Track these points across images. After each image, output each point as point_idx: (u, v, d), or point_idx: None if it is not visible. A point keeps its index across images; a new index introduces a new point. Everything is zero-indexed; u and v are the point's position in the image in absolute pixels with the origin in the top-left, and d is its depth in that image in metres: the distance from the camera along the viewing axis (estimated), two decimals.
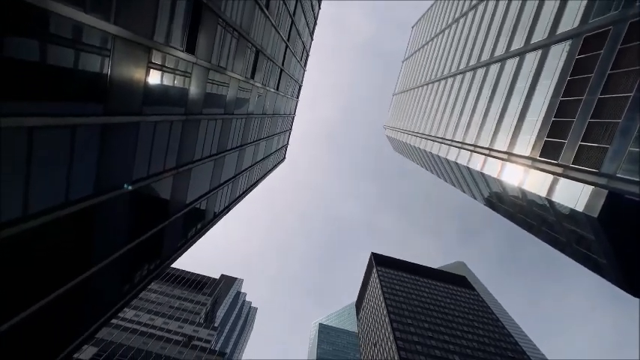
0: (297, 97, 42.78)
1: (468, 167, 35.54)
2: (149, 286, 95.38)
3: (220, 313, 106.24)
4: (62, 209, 7.06)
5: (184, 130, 12.27)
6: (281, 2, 22.61)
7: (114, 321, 75.87)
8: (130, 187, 9.37)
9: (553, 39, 24.84)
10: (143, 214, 10.83)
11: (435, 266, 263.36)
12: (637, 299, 20.01)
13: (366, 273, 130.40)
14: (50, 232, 6.94)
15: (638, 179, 15.64)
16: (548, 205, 22.41)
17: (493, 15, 38.01)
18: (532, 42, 27.81)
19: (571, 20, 23.31)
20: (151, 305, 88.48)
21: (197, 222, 16.37)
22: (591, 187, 18.13)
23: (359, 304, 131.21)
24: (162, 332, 79.43)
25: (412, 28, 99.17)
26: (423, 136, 55.43)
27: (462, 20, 50.34)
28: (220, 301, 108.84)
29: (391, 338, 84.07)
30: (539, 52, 26.33)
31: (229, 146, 18.33)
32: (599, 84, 19.25)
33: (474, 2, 46.44)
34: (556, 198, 20.79)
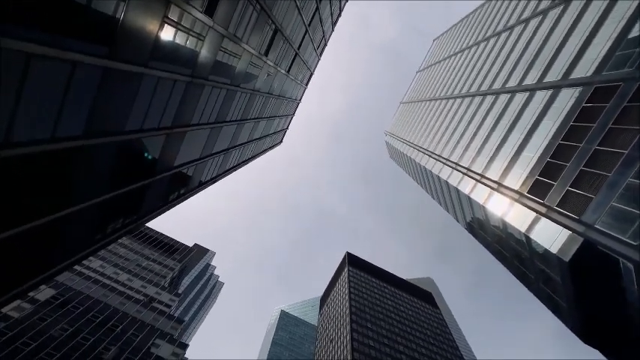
0: (307, 85, 42.47)
1: (457, 189, 35.95)
2: (120, 240, 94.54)
3: (186, 281, 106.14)
4: (47, 144, 6.92)
5: (187, 92, 12.09)
6: None
7: (77, 267, 75.20)
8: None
9: (565, 82, 25.12)
10: (128, 167, 10.69)
11: (404, 277, 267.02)
12: (587, 346, 20.75)
13: (337, 270, 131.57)
14: (31, 165, 6.81)
15: (614, 234, 16.06)
16: (525, 240, 22.88)
17: (514, 46, 38.19)
18: (545, 80, 28.08)
19: (586, 68, 23.58)
20: (119, 260, 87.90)
21: (181, 186, 16.24)
22: (569, 232, 18.56)
23: (324, 299, 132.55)
24: (124, 288, 79.10)
25: (433, 41, 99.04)
26: (421, 149, 55.75)
27: (482, 44, 50.47)
28: (188, 270, 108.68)
29: (348, 338, 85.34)
30: (550, 92, 26.62)
31: (228, 118, 18.15)
32: (599, 135, 19.60)
33: (498, 29, 46.56)
34: (534, 235, 21.23)
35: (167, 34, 9.36)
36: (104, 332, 62.01)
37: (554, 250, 19.07)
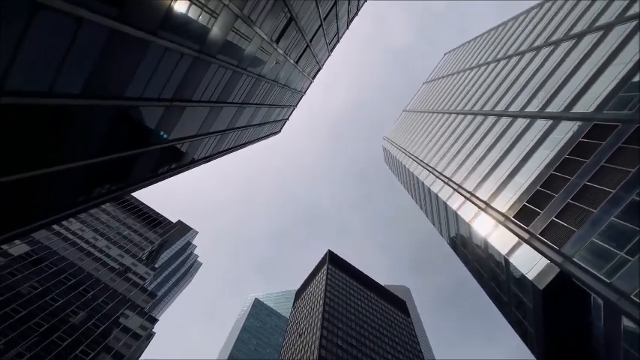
0: (313, 78, 42.29)
1: (446, 203, 36.28)
2: (104, 206, 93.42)
3: (165, 256, 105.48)
4: (43, 97, 6.78)
5: (192, 67, 11.94)
6: None
7: (56, 227, 74.15)
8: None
9: (566, 115, 25.46)
10: (122, 134, 10.54)
11: (382, 282, 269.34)
12: None
13: (317, 266, 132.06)
14: (23, 117, 6.67)
15: (590, 269, 16.41)
16: (504, 263, 23.23)
17: (522, 72, 38.52)
18: (547, 110, 28.42)
19: (588, 104, 23.92)
20: (100, 225, 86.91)
21: (173, 161, 16.08)
22: (547, 261, 18.90)
23: (299, 292, 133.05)
24: (100, 254, 78.29)
25: (445, 54, 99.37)
26: (416, 159, 56.07)
27: (492, 65, 50.79)
28: (168, 245, 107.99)
29: (317, 334, 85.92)
30: (550, 122, 26.95)
31: (230, 99, 17.99)
32: (590, 171, 19.94)
33: (509, 53, 46.89)
34: (513, 260, 21.57)
35: (181, 5, 9.21)
36: (74, 296, 61.40)
37: (530, 276, 19.41)
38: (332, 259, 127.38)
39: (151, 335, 69.47)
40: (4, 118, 6.29)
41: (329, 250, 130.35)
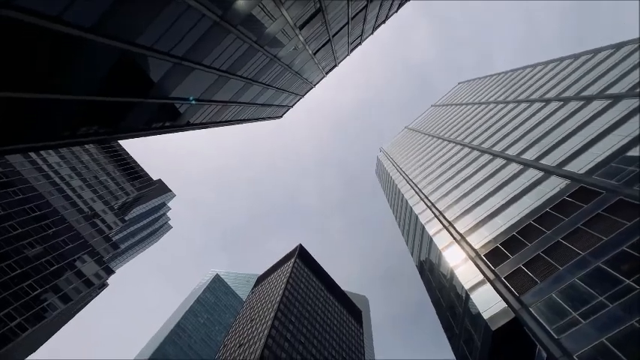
0: (327, 73, 42.11)
1: (424, 227, 36.74)
2: (87, 147, 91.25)
3: (137, 211, 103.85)
4: (52, 22, 6.55)
5: (210, 31, 11.72)
6: None
7: (33, 156, 72.10)
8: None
9: (558, 171, 26.05)
10: (123, 79, 10.28)
11: (343, 286, 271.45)
12: None
13: (285, 257, 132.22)
14: (25, 36, 6.42)
15: (542, 322, 16.90)
16: (464, 297, 23.69)
17: (527, 119, 39.21)
18: (541, 161, 29.02)
19: (581, 165, 24.52)
20: (79, 165, 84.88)
21: (168, 119, 15.79)
22: (505, 305, 19.36)
23: (261, 279, 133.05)
24: (72, 194, 76.55)
25: (458, 83, 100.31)
26: (407, 177, 56.56)
27: (500, 105, 51.54)
28: (143, 201, 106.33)
29: (268, 323, 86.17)
30: (541, 174, 27.54)
31: (240, 73, 17.75)
32: (566, 229, 20.49)
33: (519, 98, 47.64)
34: (473, 296, 22.02)
35: None
36: (35, 228, 59.89)
37: (485, 315, 19.84)
38: (301, 254, 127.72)
39: (103, 285, 68.46)
40: (7, 31, 6.04)
41: (300, 244, 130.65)
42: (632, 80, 28.91)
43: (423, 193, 44.53)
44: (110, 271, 67.77)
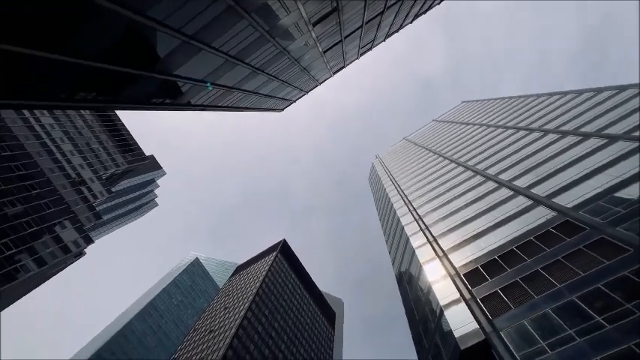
0: (334, 74, 42.07)
1: (408, 238, 36.95)
2: (84, 112, 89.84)
3: (125, 184, 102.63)
4: None
5: (223, 14, 11.60)
6: None
7: (27, 114, 70.75)
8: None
9: (546, 201, 26.41)
10: (129, 50, 10.12)
11: (321, 287, 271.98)
12: None
13: (267, 250, 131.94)
14: None
15: (511, 347, 17.13)
16: (438, 313, 23.89)
17: (524, 147, 39.68)
18: (532, 190, 29.40)
19: (570, 199, 24.90)
20: (72, 129, 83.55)
21: (168, 96, 15.61)
22: (477, 326, 19.57)
23: (240, 269, 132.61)
24: (61, 157, 75.32)
25: (462, 102, 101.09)
26: (398, 187, 56.82)
27: (500, 130, 52.07)
28: (132, 175, 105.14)
29: (241, 314, 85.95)
30: (530, 202, 27.90)
31: (247, 60, 17.63)
32: (547, 260, 20.79)
33: (519, 125, 48.19)
34: (447, 313, 22.22)
35: None
36: (18, 187, 58.80)
37: (456, 334, 20.04)
38: (284, 250, 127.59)
39: (81, 254, 67.53)
40: None
41: (284, 239, 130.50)
42: (630, 123, 29.44)
43: (412, 206, 44.78)
44: (89, 241, 66.88)
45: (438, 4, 44.15)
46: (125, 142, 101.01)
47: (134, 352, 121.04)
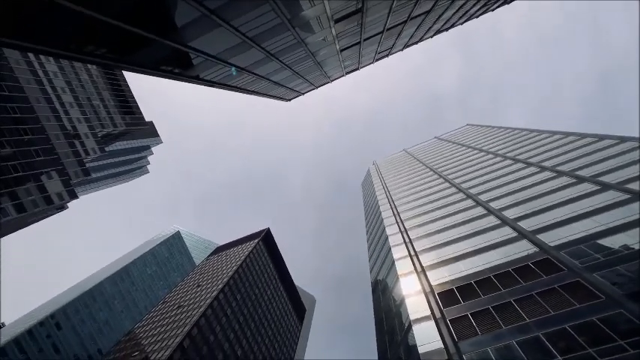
0: (347, 74, 41.99)
1: (390, 249, 37.17)
2: (90, 66, 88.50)
3: (119, 145, 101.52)
4: None
5: None
6: (415, 2, 22.01)
7: (32, 57, 69.47)
8: None
9: (531, 236, 26.76)
10: (147, 13, 10.00)
11: (296, 282, 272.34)
12: None
13: (249, 236, 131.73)
14: None
15: None
16: (406, 327, 24.11)
17: (519, 179, 40.08)
18: (518, 223, 29.74)
19: (554, 237, 25.25)
20: (75, 82, 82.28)
21: (179, 66, 15.45)
22: (442, 346, 19.81)
23: (219, 250, 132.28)
24: (60, 107, 74.18)
25: (466, 124, 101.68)
26: (389, 197, 57.05)
27: (498, 158, 52.50)
28: (128, 138, 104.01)
29: (212, 294, 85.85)
30: (515, 234, 28.23)
31: (263, 45, 17.50)
32: (520, 293, 21.09)
33: (518, 157, 48.63)
34: (415, 329, 22.45)
35: None
36: (10, 130, 57.80)
37: (420, 350, 20.26)
38: (266, 238, 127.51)
39: (63, 207, 66.71)
40: None
41: (268, 228, 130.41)
42: (624, 175, 29.91)
43: (400, 217, 45.02)
44: (74, 195, 66.05)
45: (462, 24, 44.27)
46: (127, 104, 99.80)
47: (99, 313, 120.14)
